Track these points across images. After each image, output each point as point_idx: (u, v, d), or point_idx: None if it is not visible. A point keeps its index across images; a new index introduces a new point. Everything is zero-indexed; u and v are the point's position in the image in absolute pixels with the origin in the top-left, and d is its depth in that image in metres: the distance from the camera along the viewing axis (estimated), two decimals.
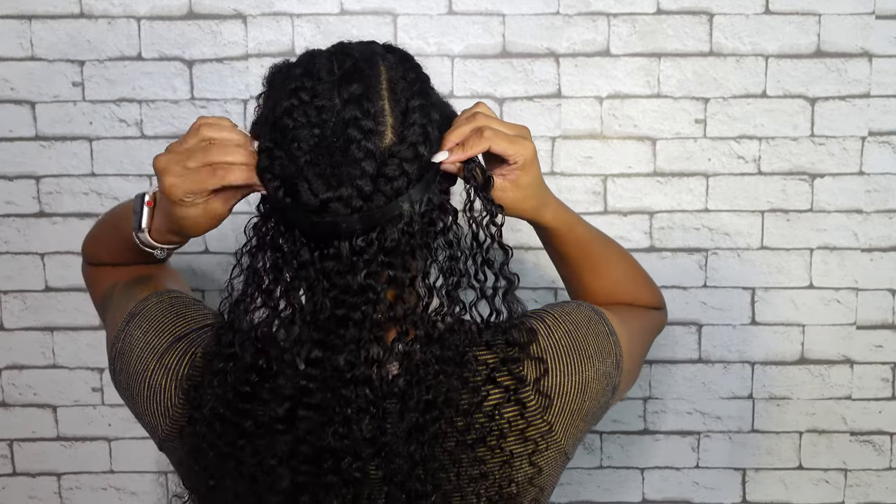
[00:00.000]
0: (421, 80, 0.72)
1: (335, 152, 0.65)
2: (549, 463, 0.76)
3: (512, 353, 0.73)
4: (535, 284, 1.38)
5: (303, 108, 0.66)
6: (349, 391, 0.68)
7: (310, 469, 0.69)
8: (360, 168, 0.64)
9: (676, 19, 1.32)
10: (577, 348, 0.75)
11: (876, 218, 1.36)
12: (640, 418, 1.42)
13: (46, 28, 1.33)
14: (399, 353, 0.70)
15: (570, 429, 0.76)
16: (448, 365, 0.70)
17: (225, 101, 1.34)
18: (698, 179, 1.36)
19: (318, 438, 0.68)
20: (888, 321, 1.39)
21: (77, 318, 1.40)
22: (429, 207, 0.69)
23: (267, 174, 0.67)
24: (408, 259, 0.69)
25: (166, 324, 0.79)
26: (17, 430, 1.42)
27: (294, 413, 0.68)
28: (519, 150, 0.73)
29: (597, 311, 0.79)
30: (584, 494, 1.44)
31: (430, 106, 0.70)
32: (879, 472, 1.43)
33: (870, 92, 1.33)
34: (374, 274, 0.67)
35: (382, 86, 0.68)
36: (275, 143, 0.67)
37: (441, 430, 0.69)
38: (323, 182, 0.65)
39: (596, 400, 0.76)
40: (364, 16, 1.32)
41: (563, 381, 0.74)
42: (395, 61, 0.71)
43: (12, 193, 1.37)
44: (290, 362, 0.68)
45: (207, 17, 1.32)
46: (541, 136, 1.35)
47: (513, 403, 0.72)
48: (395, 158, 0.66)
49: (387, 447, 0.69)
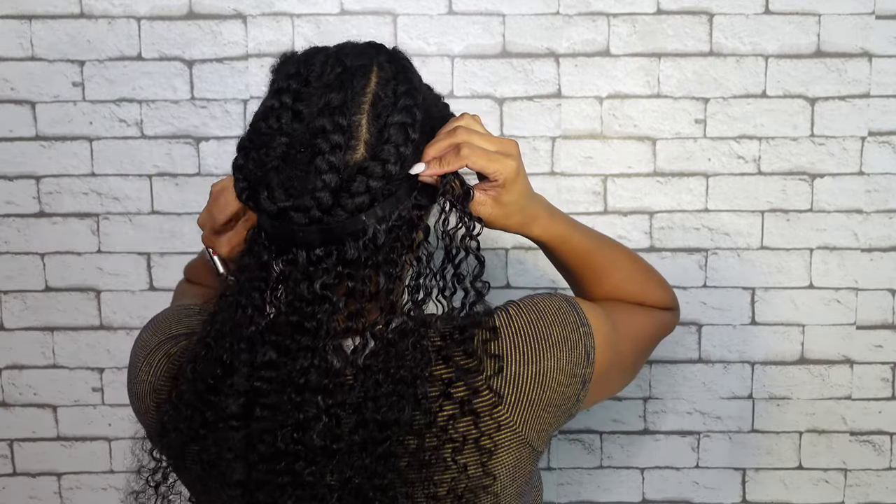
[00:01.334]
0: (410, 94, 0.70)
1: (299, 163, 0.65)
2: (507, 465, 0.74)
3: (469, 364, 0.71)
4: (536, 284, 1.38)
5: (279, 113, 0.67)
6: (301, 397, 0.68)
7: (265, 468, 0.70)
8: (322, 180, 0.65)
9: (676, 19, 1.32)
10: (536, 337, 0.73)
11: (876, 218, 1.36)
12: (640, 418, 1.42)
13: (46, 28, 1.33)
14: (357, 366, 0.69)
15: (532, 419, 0.73)
16: (402, 385, 0.69)
17: (225, 101, 1.34)
18: (698, 179, 1.36)
19: (273, 439, 0.69)
20: (888, 321, 1.39)
21: (77, 318, 1.40)
22: (398, 223, 0.69)
23: (237, 174, 0.69)
24: (370, 273, 0.68)
25: (164, 325, 0.82)
26: (17, 430, 1.43)
27: (251, 411, 0.69)
28: (498, 168, 0.72)
29: (570, 302, 0.77)
30: (584, 494, 1.44)
31: (411, 125, 0.68)
32: (879, 472, 1.43)
33: (870, 92, 1.33)
34: (330, 286, 0.67)
35: (365, 99, 0.68)
36: (250, 143, 0.69)
37: (391, 450, 0.69)
38: (283, 190, 0.65)
39: (559, 391, 0.74)
40: (364, 16, 1.32)
41: (519, 371, 0.72)
42: (390, 74, 0.70)
43: (12, 193, 1.37)
44: (245, 361, 0.70)
45: (207, 17, 1.32)
46: (541, 136, 1.35)
47: (467, 416, 0.71)
48: (362, 175, 0.66)
49: (339, 456, 0.68)
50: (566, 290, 1.38)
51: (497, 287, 1.39)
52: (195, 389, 0.73)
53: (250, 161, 0.68)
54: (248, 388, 0.69)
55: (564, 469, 1.44)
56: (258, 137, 0.68)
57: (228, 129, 1.35)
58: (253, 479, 0.70)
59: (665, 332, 0.93)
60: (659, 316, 0.91)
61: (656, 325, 0.91)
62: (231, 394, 0.70)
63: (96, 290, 1.39)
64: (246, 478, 0.70)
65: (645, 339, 0.89)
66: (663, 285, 0.94)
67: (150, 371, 0.79)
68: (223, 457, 0.71)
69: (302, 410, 0.68)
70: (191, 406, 0.73)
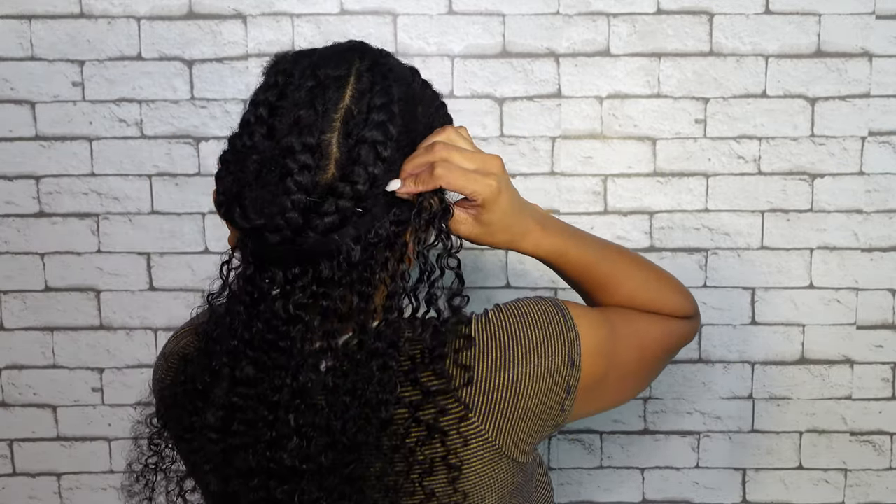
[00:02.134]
0: (385, 108, 0.67)
1: (270, 182, 0.64)
2: (480, 479, 0.72)
3: (439, 384, 0.69)
4: (535, 284, 1.38)
5: (253, 129, 0.67)
6: (274, 415, 0.68)
7: (239, 483, 0.70)
8: (291, 201, 0.63)
9: (676, 19, 1.32)
10: (512, 341, 0.71)
11: (876, 218, 1.36)
12: (640, 418, 1.42)
13: (46, 28, 1.33)
14: (328, 387, 0.68)
15: (506, 429, 0.71)
16: (368, 408, 0.68)
17: (225, 101, 1.34)
18: (698, 179, 1.36)
19: (247, 456, 0.69)
20: (888, 321, 1.39)
21: (77, 318, 1.40)
22: (374, 240, 0.67)
23: (218, 187, 0.68)
24: (345, 292, 0.67)
25: (188, 323, 0.83)
26: (17, 430, 1.43)
27: (229, 424, 0.69)
28: (476, 189, 0.68)
29: (557, 306, 0.74)
30: (584, 494, 1.44)
31: (382, 143, 0.66)
32: (879, 472, 1.43)
33: (870, 92, 1.33)
34: (304, 305, 0.66)
35: (336, 116, 0.66)
36: (229, 157, 0.68)
37: (358, 472, 0.68)
38: (255, 209, 0.64)
39: (536, 399, 0.71)
40: (364, 16, 1.32)
41: (491, 378, 0.70)
42: (367, 85, 0.68)
43: (12, 193, 1.37)
44: (226, 375, 0.70)
45: (207, 17, 1.32)
46: (541, 136, 1.35)
47: (435, 437, 0.69)
48: (331, 196, 0.64)
49: (308, 476, 0.68)
50: (566, 289, 1.38)
51: (497, 287, 1.39)
52: (185, 391, 0.73)
53: (228, 175, 0.67)
54: (227, 403, 0.69)
55: (564, 469, 1.43)
56: (234, 154, 0.67)
57: (228, 129, 1.35)
58: (228, 493, 0.70)
59: (681, 341, 0.87)
60: (673, 324, 0.86)
61: (669, 334, 0.85)
62: (210, 407, 0.70)
63: (96, 290, 1.39)
64: (222, 490, 0.70)
65: (655, 348, 0.83)
66: (680, 293, 0.88)
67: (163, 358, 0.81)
68: (200, 468, 0.71)
69: (275, 429, 0.67)
70: (181, 407, 0.73)
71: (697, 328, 0.91)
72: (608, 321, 0.78)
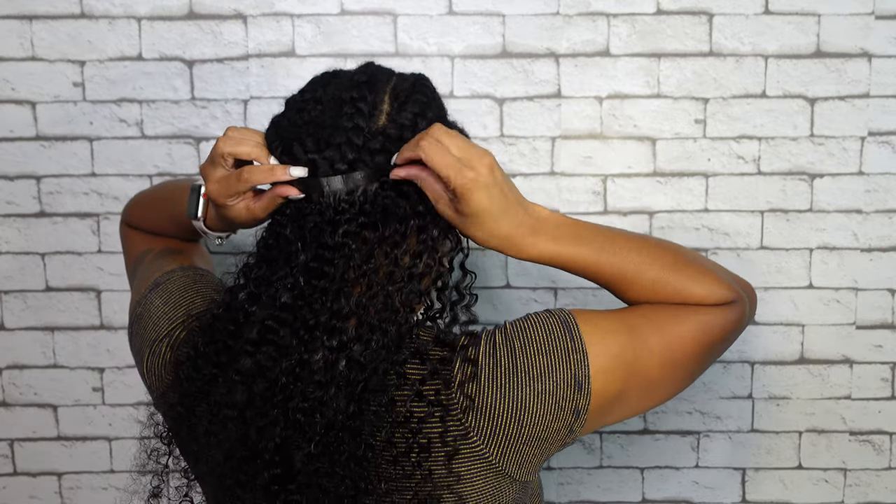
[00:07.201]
0: (424, 93, 0.76)
1: (329, 123, 0.72)
2: (481, 493, 0.73)
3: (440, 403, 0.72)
4: (535, 284, 1.39)
5: (314, 89, 0.75)
6: (309, 335, 0.71)
7: (262, 397, 0.71)
8: (347, 137, 0.71)
9: (676, 19, 1.32)
10: (516, 369, 0.71)
11: (875, 218, 1.36)
12: (640, 418, 1.42)
13: (47, 28, 1.33)
14: (359, 317, 0.72)
15: (510, 453, 0.71)
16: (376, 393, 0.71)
17: (225, 101, 1.34)
18: (698, 179, 1.36)
19: (276, 369, 0.71)
20: (888, 321, 1.39)
21: (77, 317, 1.40)
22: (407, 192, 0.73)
23: (273, 139, 0.74)
24: (382, 225, 0.72)
25: (185, 298, 0.84)
26: (17, 430, 1.43)
27: (264, 340, 0.72)
28: (450, 174, 0.69)
29: (566, 324, 0.73)
30: (584, 494, 1.44)
31: (427, 104, 0.75)
32: (879, 471, 1.43)
33: (869, 92, 1.33)
34: (352, 233, 0.71)
35: (387, 86, 0.75)
36: (283, 115, 0.75)
37: (366, 398, 0.71)
38: (313, 142, 0.72)
39: (542, 425, 0.71)
40: (364, 16, 1.32)
41: (494, 405, 0.70)
42: (408, 84, 0.76)
43: (13, 193, 1.37)
44: (266, 303, 0.72)
45: (208, 17, 1.33)
46: (541, 136, 1.35)
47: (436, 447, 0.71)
48: (381, 136, 0.72)
49: (327, 398, 0.70)
50: (567, 290, 1.38)
51: (497, 287, 1.39)
52: (212, 339, 0.75)
53: (285, 120, 0.74)
54: (267, 318, 0.72)
55: (564, 469, 1.44)
56: (292, 107, 0.75)
57: None
58: (250, 408, 0.72)
59: (725, 331, 0.79)
60: (708, 315, 0.78)
61: (703, 328, 0.78)
62: (251, 323, 0.72)
63: (97, 290, 1.39)
64: (245, 403, 0.72)
65: (686, 347, 0.77)
66: (709, 278, 0.79)
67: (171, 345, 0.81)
68: (230, 378, 0.73)
69: (306, 348, 0.70)
70: (204, 357, 0.75)
71: (746, 312, 0.82)
72: (627, 326, 0.74)
